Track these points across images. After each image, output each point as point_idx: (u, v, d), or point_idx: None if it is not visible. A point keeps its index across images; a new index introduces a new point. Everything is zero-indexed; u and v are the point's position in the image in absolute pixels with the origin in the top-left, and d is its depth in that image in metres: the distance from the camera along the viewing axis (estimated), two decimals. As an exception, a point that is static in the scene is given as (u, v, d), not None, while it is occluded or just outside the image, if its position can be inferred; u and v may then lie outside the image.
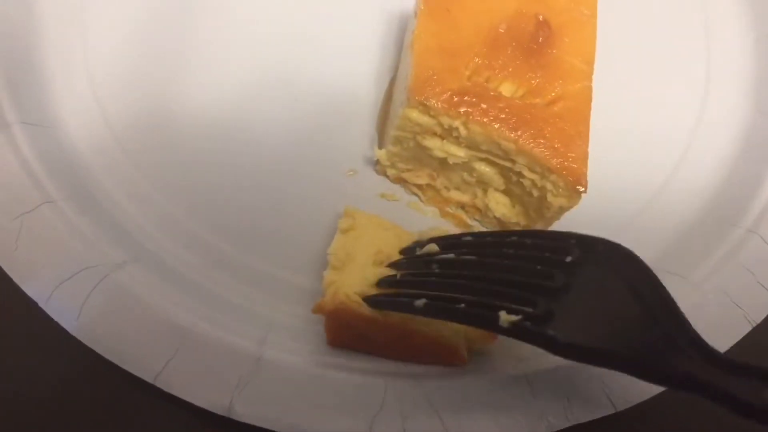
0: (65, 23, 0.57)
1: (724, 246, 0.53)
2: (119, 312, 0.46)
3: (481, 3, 0.50)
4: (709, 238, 0.53)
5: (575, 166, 0.46)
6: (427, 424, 0.44)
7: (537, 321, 0.37)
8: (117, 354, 0.44)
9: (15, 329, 0.49)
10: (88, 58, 0.56)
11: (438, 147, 0.49)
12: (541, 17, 0.49)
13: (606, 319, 0.36)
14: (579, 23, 0.51)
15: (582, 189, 0.46)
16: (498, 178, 0.51)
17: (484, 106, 0.47)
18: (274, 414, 0.44)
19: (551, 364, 0.47)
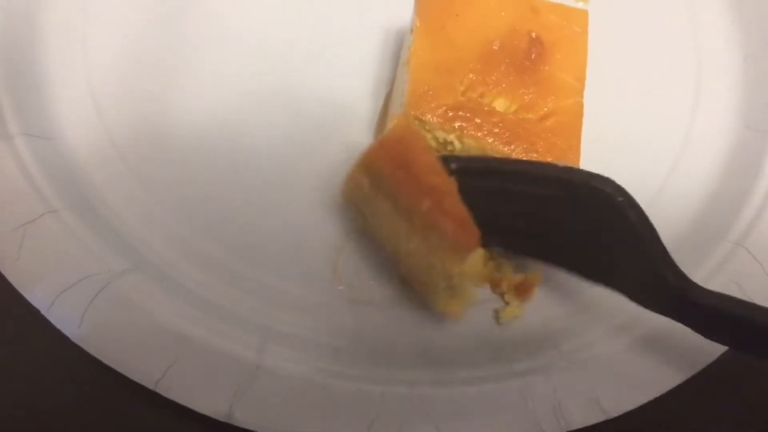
0: (67, 36, 0.58)
1: (712, 259, 0.54)
2: (120, 319, 0.46)
3: (476, 20, 0.51)
4: (698, 251, 0.54)
5: (567, 179, 0.47)
6: (423, 431, 0.45)
7: None
8: (118, 360, 0.45)
9: (17, 337, 0.50)
10: (89, 71, 0.57)
11: (433, 160, 0.50)
12: (534, 34, 0.51)
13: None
14: (570, 40, 0.52)
15: (574, 202, 0.47)
16: (492, 190, 0.52)
17: (478, 120, 0.48)
18: (272, 420, 0.45)
19: (543, 371, 0.48)
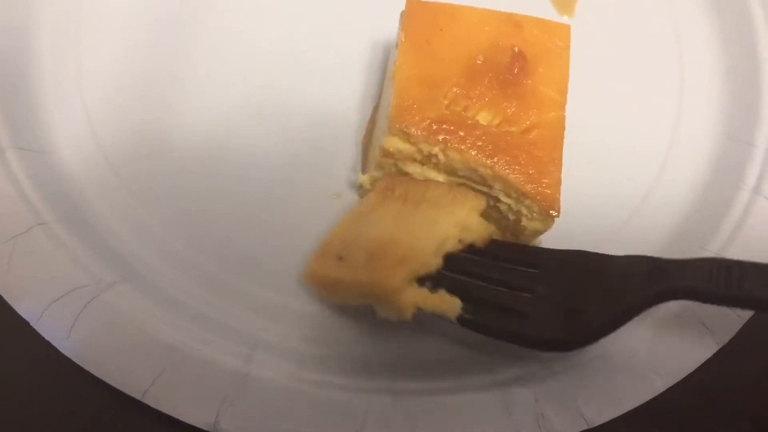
0: (60, 50, 0.59)
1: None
2: (108, 331, 0.47)
3: (460, 35, 0.52)
4: (679, 260, 0.55)
5: (549, 191, 0.48)
6: (406, 440, 0.46)
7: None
8: (106, 371, 0.45)
9: (3, 345, 0.50)
10: (81, 84, 0.58)
11: (418, 172, 0.51)
12: (517, 49, 0.51)
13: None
14: (553, 54, 0.53)
15: (555, 213, 0.48)
16: (476, 202, 0.52)
17: (462, 133, 0.49)
18: (258, 429, 0.45)
19: (526, 381, 0.48)
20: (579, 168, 0.53)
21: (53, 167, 0.54)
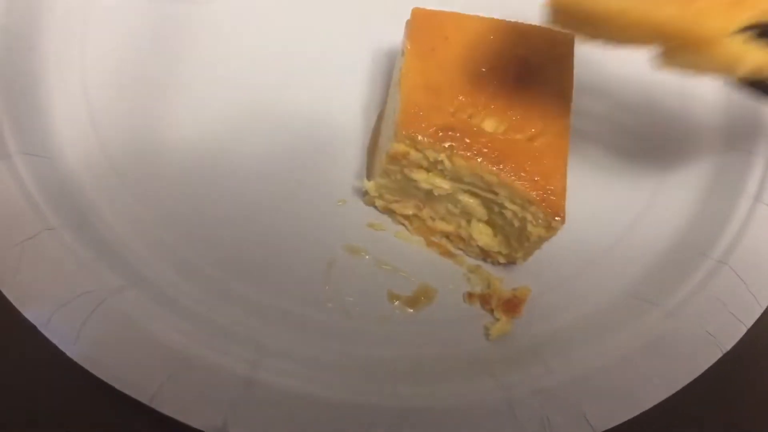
0: (64, 56, 0.59)
1: (696, 275, 0.55)
2: (116, 335, 0.47)
3: (465, 44, 0.52)
4: (682, 268, 0.56)
5: (554, 198, 0.48)
6: (412, 446, 0.46)
7: None
8: (113, 376, 0.45)
9: (14, 352, 0.50)
10: (87, 90, 0.59)
11: (424, 179, 0.52)
12: (522, 57, 0.52)
13: None
14: (557, 63, 0.53)
15: (560, 220, 0.49)
16: (481, 209, 0.53)
17: (467, 140, 0.49)
18: (265, 434, 0.45)
19: (532, 386, 0.49)
20: (582, 174, 0.53)
21: (59, 172, 0.55)
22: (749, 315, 0.52)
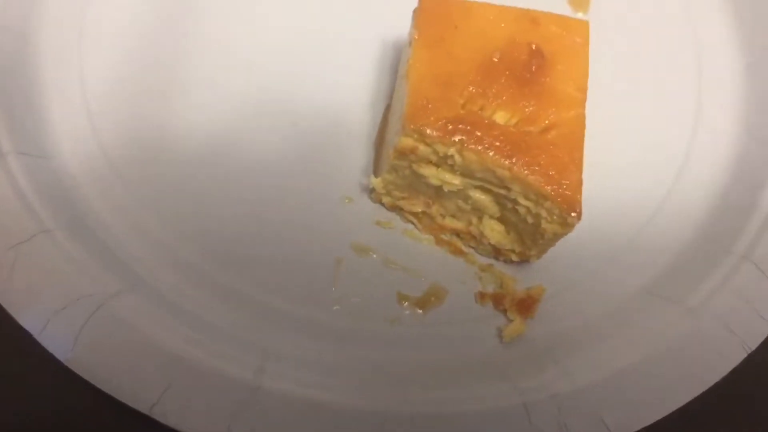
0: (62, 55, 0.58)
1: (718, 272, 0.53)
2: (114, 342, 0.45)
3: (475, 33, 0.50)
4: (703, 264, 0.54)
5: (569, 193, 0.47)
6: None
7: None
8: (112, 385, 0.44)
9: (7, 355, 0.49)
10: (84, 89, 0.57)
11: (433, 175, 0.50)
12: (534, 46, 0.50)
13: None
14: (571, 51, 0.51)
15: (576, 216, 0.47)
16: (493, 205, 0.51)
17: (478, 134, 0.47)
18: (270, 444, 0.44)
19: (548, 390, 0.47)
20: (598, 169, 0.51)
21: (56, 173, 0.53)
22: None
